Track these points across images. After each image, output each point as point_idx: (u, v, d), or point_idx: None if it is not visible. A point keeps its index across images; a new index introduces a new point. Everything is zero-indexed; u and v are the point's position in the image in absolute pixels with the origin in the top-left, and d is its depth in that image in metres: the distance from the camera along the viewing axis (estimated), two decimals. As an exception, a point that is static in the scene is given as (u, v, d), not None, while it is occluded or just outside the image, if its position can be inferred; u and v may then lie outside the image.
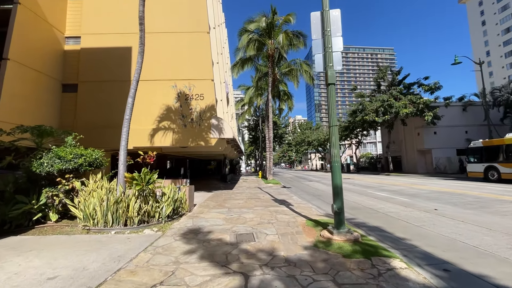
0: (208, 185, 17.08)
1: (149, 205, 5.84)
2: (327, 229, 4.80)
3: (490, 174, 16.75)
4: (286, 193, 12.20)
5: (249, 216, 6.63)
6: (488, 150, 17.32)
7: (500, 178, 15.94)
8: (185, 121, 11.67)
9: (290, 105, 26.73)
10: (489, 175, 16.76)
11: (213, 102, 11.84)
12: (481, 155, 17.76)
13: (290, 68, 21.81)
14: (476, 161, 18.12)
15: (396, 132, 31.21)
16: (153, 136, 11.41)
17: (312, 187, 15.63)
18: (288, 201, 9.61)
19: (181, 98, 11.82)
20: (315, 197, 11.34)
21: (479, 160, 17.91)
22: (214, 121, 11.66)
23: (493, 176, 16.49)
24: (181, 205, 6.93)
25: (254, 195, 11.28)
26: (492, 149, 17.02)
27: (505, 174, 15.65)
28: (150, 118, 11.67)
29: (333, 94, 4.89)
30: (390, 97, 25.18)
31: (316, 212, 7.28)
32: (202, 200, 9.78)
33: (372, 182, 17.36)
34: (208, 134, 11.56)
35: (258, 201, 9.50)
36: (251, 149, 49.88)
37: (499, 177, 16.07)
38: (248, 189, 14.59)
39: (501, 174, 15.95)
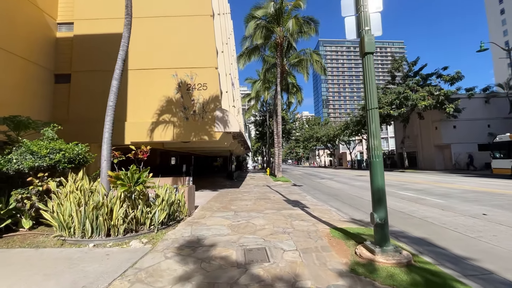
0: (213, 183, 16.08)
1: (138, 210, 4.81)
2: (365, 245, 3.65)
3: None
4: (298, 192, 11.06)
5: (259, 222, 5.53)
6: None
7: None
8: (187, 113, 10.63)
9: (299, 98, 25.43)
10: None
11: (217, 93, 10.74)
12: (509, 150, 16.42)
13: (300, 58, 20.48)
14: (503, 157, 16.78)
15: (411, 126, 29.53)
16: (153, 130, 10.41)
17: (325, 186, 14.43)
18: (302, 202, 8.48)
19: (182, 88, 10.77)
20: (331, 197, 10.17)
21: (506, 156, 16.61)
22: (219, 113, 10.57)
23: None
24: (179, 209, 5.89)
25: (263, 195, 10.18)
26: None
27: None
28: (149, 110, 10.67)
29: (371, 66, 3.73)
30: (407, 89, 23.54)
31: (338, 217, 6.13)
32: (205, 200, 8.74)
33: (390, 180, 16.02)
34: (212, 128, 10.50)
35: (269, 202, 8.40)
36: (258, 145, 48.78)
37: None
38: (256, 187, 13.51)
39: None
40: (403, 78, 27.17)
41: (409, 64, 26.41)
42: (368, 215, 6.65)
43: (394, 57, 27.21)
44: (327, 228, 4.98)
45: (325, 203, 8.58)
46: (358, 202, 8.72)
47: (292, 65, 21.49)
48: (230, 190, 12.06)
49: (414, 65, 26.14)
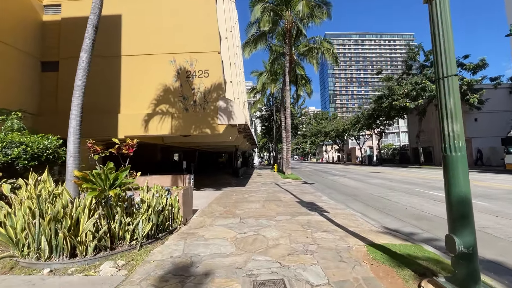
0: (218, 180, 14.99)
1: (115, 221, 3.70)
2: (436, 284, 2.42)
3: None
4: (311, 192, 9.87)
5: (271, 234, 4.37)
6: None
7: None
8: (186, 103, 9.50)
9: (308, 90, 24.04)
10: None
11: (220, 80, 9.56)
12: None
13: (309, 47, 19.02)
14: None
15: (426, 120, 27.77)
16: (148, 122, 9.32)
17: (339, 184, 13.18)
18: (318, 204, 7.29)
19: (182, 76, 9.63)
20: (350, 197, 8.93)
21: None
22: (222, 103, 9.41)
23: None
24: (172, 216, 4.77)
25: (272, 195, 9.02)
26: None
27: None
28: (144, 101, 9.58)
29: (445, 6, 2.46)
30: (424, 79, 21.88)
31: (368, 225, 4.93)
32: (207, 202, 7.62)
33: (411, 177, 14.66)
34: (214, 120, 9.35)
35: (280, 204, 7.23)
36: (264, 141, 47.58)
37: None
38: (264, 185, 12.36)
39: None
40: (420, 68, 25.40)
41: (426, 53, 24.61)
42: (403, 222, 5.42)
43: (410, 46, 25.44)
44: (361, 245, 3.79)
45: (345, 205, 7.38)
46: (384, 204, 7.47)
47: (301, 54, 20.08)
48: (235, 189, 10.94)
49: (431, 53, 24.23)
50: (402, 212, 6.41)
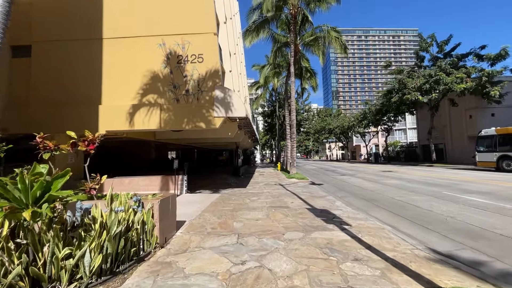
0: (216, 181, 13.72)
1: (44, 253, 2.42)
2: None
3: (505, 164, 15.78)
4: (322, 195, 8.57)
5: (281, 267, 3.06)
6: (502, 138, 16.28)
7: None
8: (177, 93, 8.20)
9: (313, 84, 22.61)
10: (504, 165, 15.79)
11: (217, 66, 8.24)
12: (493, 144, 16.66)
13: (315, 36, 17.58)
14: (488, 150, 16.95)
15: (437, 115, 26.25)
16: (133, 115, 8.04)
17: (351, 184, 11.84)
18: (333, 212, 6.00)
19: (172, 61, 8.32)
20: (369, 202, 7.60)
21: (491, 150, 16.76)
22: (219, 93, 8.09)
23: (509, 166, 15.58)
24: (144, 237, 3.49)
25: (277, 199, 7.72)
26: (508, 137, 15.92)
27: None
28: (129, 90, 8.30)
29: None
30: (439, 71, 20.34)
31: (409, 247, 3.64)
32: (199, 210, 6.33)
33: (429, 177, 13.29)
34: (210, 112, 8.05)
35: (287, 213, 5.93)
36: (266, 138, 46.27)
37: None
38: (267, 187, 11.07)
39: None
40: (432, 60, 23.82)
41: (440, 44, 23.01)
42: (453, 241, 3.87)
43: (422, 36, 23.85)
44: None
45: (365, 213, 6.08)
46: (414, 213, 6.14)
47: (306, 45, 18.65)
48: (235, 192, 9.66)
49: (446, 44, 22.74)
50: (443, 224, 5.08)
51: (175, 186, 8.62)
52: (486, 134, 17.38)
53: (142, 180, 8.67)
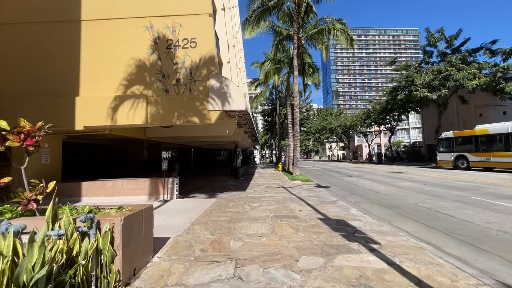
0: (213, 183, 12.62)
1: None
2: None
3: (460, 163, 18.08)
4: (332, 200, 7.50)
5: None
6: (457, 140, 18.65)
7: (469, 166, 17.42)
8: (166, 83, 7.10)
9: (316, 81, 21.56)
10: (459, 164, 18.10)
11: (212, 52, 7.15)
12: (451, 145, 18.99)
13: (319, 28, 16.53)
14: (446, 151, 19.32)
15: (445, 114, 25.21)
16: (116, 109, 6.93)
17: (361, 187, 10.77)
18: (352, 224, 4.93)
19: (160, 47, 7.22)
20: (391, 210, 6.52)
21: (449, 150, 19.13)
22: (214, 82, 7.00)
23: (463, 164, 17.90)
24: (99, 273, 2.37)
25: (283, 206, 6.62)
26: (463, 139, 18.30)
27: (474, 162, 17.11)
28: (111, 80, 7.19)
29: None
30: (449, 67, 19.29)
31: (473, 281, 2.52)
32: (190, 221, 5.22)
33: (445, 179, 12.23)
34: (204, 105, 6.96)
35: (297, 225, 4.84)
36: (266, 137, 45.17)
37: (468, 165, 17.53)
38: (269, 190, 9.98)
39: (470, 162, 17.35)
40: (440, 56, 22.78)
41: (449, 38, 21.94)
42: None
43: (429, 31, 22.77)
44: None
45: (390, 224, 5.04)
46: (450, 224, 5.07)
47: (309, 38, 17.59)
48: (234, 196, 8.56)
49: (456, 38, 21.70)
50: (497, 242, 4.00)
51: (165, 190, 7.52)
52: (446, 137, 19.60)
53: (127, 183, 7.56)
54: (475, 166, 17.04)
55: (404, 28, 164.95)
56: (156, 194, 7.61)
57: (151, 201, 7.34)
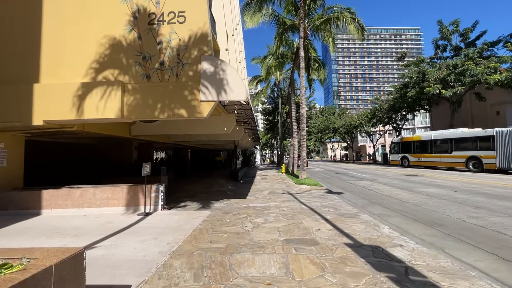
0: (210, 188, 11.19)
1: None
2: None
3: (404, 162, 22.97)
4: (352, 212, 6.07)
5: None
6: (403, 144, 23.39)
7: (409, 165, 22.18)
8: (148, 67, 5.68)
9: (321, 76, 20.12)
10: (403, 163, 23.03)
11: (205, 29, 5.72)
12: (399, 148, 23.88)
13: (326, 18, 15.10)
14: (395, 152, 24.41)
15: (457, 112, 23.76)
16: (83, 99, 5.50)
17: (379, 193, 9.34)
18: (397, 255, 3.52)
19: (141, 22, 5.80)
20: (433, 228, 5.09)
21: (397, 152, 24.17)
22: (207, 66, 5.58)
23: (405, 163, 22.75)
24: None
25: (294, 224, 5.18)
26: (406, 144, 22.97)
27: (412, 162, 21.82)
28: (79, 63, 5.78)
29: None
30: (467, 61, 17.84)
31: None
32: (169, 249, 3.77)
33: (476, 185, 10.80)
34: (194, 94, 5.53)
35: (320, 257, 3.42)
36: (267, 137, 43.72)
37: (408, 164, 22.35)
38: (274, 197, 8.54)
39: (410, 161, 22.15)
40: (454, 50, 21.35)
41: (464, 31, 20.46)
42: None
43: (442, 24, 21.30)
44: None
45: (449, 255, 3.61)
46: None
47: (315, 29, 16.13)
48: (232, 206, 7.12)
49: (471, 31, 20.24)
50: None
51: (146, 200, 6.08)
52: (396, 141, 24.78)
53: (101, 192, 6.13)
54: (413, 165, 22.00)
55: (406, 28, 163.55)
56: (136, 205, 6.18)
57: (129, 213, 5.91)
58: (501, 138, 15.48)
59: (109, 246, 3.84)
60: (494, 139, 15.76)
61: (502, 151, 15.25)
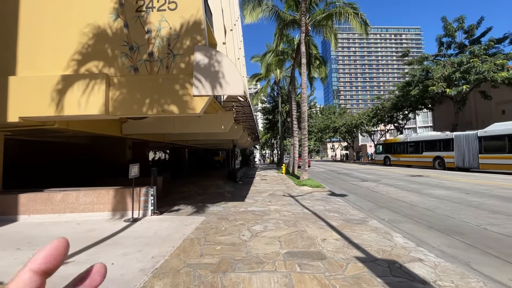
0: (206, 189, 10.67)
1: None
2: None
3: (386, 161, 26.00)
4: (359, 217, 5.56)
5: None
6: (385, 146, 26.31)
7: (390, 163, 25.20)
8: (135, 58, 5.15)
9: (322, 75, 19.60)
10: (386, 162, 25.93)
11: (199, 15, 5.19)
12: (382, 149, 26.80)
13: (328, 13, 14.60)
14: (380, 153, 27.21)
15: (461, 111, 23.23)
16: (63, 93, 4.96)
17: (385, 196, 8.83)
18: (416, 272, 3.04)
19: (128, 9, 5.26)
20: (451, 237, 4.58)
21: (380, 152, 27.04)
22: (201, 57, 5.05)
23: (387, 162, 25.86)
24: None
25: (297, 232, 4.66)
26: (388, 145, 25.87)
27: (393, 161, 24.89)
28: (60, 54, 5.24)
29: None
30: (472, 58, 17.31)
31: None
32: (152, 266, 3.24)
33: (488, 186, 10.28)
34: (186, 88, 5.00)
35: (329, 277, 2.90)
36: (267, 137, 43.18)
37: (390, 163, 25.44)
38: (274, 199, 8.02)
39: (391, 160, 25.16)
40: (458, 47, 20.83)
41: (469, 28, 19.93)
42: None
43: (447, 20, 20.76)
44: None
45: (479, 273, 3.09)
46: None
47: (316, 25, 15.64)
48: (229, 210, 6.60)
49: (476, 28, 19.70)
50: None
51: (134, 205, 5.55)
52: (380, 142, 28.09)
53: (85, 195, 5.60)
54: (393, 163, 24.89)
55: (406, 27, 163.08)
56: (123, 210, 5.66)
57: (115, 219, 5.38)
58: (458, 141, 17.62)
59: (83, 262, 3.31)
60: (453, 142, 17.91)
61: (459, 152, 17.58)
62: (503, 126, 15.64)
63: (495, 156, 15.36)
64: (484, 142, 16.07)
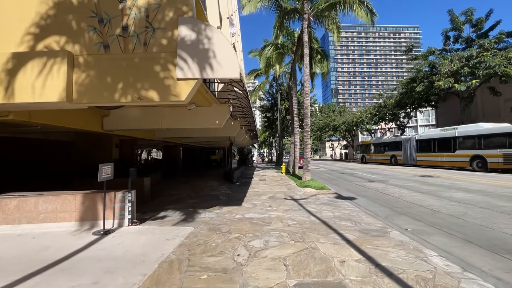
0: (200, 191, 9.69)
1: None
2: None
3: (363, 159, 30.29)
4: (376, 227, 4.62)
5: None
6: (363, 146, 31.04)
7: (366, 161, 29.64)
8: (106, 33, 4.15)
9: (324, 70, 18.70)
10: (362, 160, 30.33)
11: (185, -19, 4.19)
12: (362, 149, 31.17)
13: (331, 2, 13.63)
14: (360, 152, 31.49)
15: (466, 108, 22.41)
16: (14, 76, 3.95)
17: (400, 199, 7.91)
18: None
19: (97, -28, 4.26)
20: (500, 255, 3.65)
21: (360, 152, 31.58)
22: (187, 31, 4.06)
23: (364, 160, 30.21)
24: None
25: (306, 250, 3.71)
26: (364, 145, 30.55)
27: (368, 159, 29.34)
28: (12, 27, 4.24)
29: None
30: (482, 52, 16.45)
31: None
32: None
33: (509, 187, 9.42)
34: (168, 69, 4.00)
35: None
36: (265, 135, 42.18)
37: (365, 161, 29.83)
38: (275, 203, 7.06)
39: (366, 159, 29.64)
40: (466, 41, 19.96)
41: (477, 21, 19.06)
42: None
43: (453, 13, 19.87)
44: None
45: None
46: None
47: (318, 16, 14.67)
48: (223, 218, 5.64)
49: (485, 21, 18.85)
50: None
51: (107, 213, 4.56)
52: (360, 144, 32.47)
53: (46, 202, 4.60)
54: (368, 161, 29.01)
55: (404, 26, 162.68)
56: (94, 219, 4.67)
57: (82, 231, 4.40)
58: (404, 143, 22.84)
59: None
60: (401, 144, 23.18)
61: (404, 151, 22.80)
62: (432, 131, 20.58)
63: (427, 155, 19.76)
64: (420, 144, 20.42)
